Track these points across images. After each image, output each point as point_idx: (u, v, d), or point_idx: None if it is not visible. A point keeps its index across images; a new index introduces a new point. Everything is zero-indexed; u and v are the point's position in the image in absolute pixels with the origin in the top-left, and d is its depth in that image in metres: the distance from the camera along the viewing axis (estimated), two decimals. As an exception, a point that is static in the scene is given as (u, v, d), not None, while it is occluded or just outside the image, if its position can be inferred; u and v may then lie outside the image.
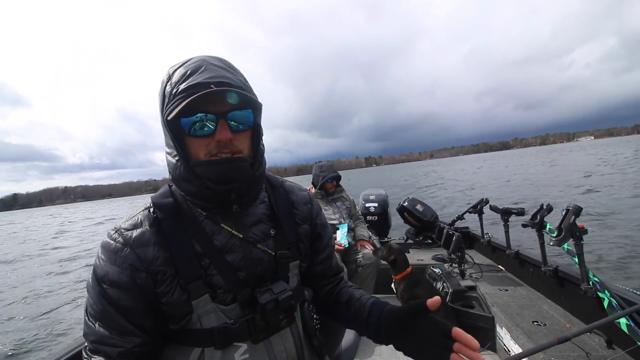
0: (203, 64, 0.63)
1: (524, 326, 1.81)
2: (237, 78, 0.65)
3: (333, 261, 0.90)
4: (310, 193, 0.91)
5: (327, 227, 0.90)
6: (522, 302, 2.15)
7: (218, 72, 0.63)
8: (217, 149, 0.63)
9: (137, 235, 0.65)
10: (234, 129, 0.64)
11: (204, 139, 0.64)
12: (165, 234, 0.66)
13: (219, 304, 0.66)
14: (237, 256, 0.69)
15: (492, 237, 3.27)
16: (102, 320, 0.61)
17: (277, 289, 0.68)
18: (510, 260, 2.76)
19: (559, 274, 2.09)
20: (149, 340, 0.64)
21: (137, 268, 0.62)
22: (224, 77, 0.62)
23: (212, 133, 0.63)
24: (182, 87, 0.61)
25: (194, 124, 0.63)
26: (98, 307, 0.62)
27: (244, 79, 0.68)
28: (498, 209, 2.81)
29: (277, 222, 0.76)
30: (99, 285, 0.62)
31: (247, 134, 0.68)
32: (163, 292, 0.63)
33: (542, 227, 2.16)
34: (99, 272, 0.63)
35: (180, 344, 0.67)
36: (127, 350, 0.61)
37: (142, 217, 0.68)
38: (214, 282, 0.66)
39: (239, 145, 0.65)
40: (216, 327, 0.65)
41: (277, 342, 0.70)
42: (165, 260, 0.64)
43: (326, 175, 2.77)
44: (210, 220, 0.69)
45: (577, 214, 1.78)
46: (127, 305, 0.62)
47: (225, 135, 0.62)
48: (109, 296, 0.61)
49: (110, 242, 0.65)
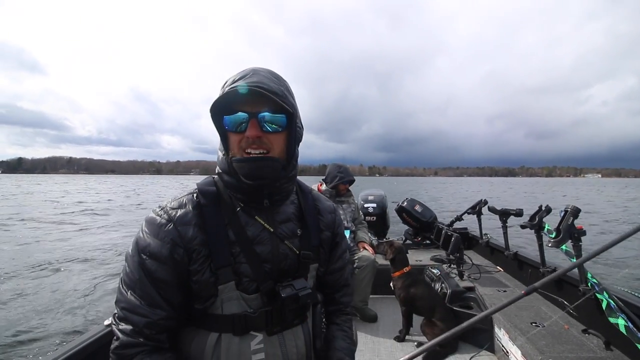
0: (251, 72, 0.71)
1: (522, 327, 1.81)
2: (278, 87, 0.71)
3: (345, 274, 0.93)
4: (334, 204, 0.96)
5: (344, 239, 0.95)
6: (520, 303, 2.14)
7: (260, 78, 0.69)
8: (246, 144, 0.69)
9: (181, 214, 0.71)
10: (265, 130, 0.70)
11: (238, 135, 0.70)
12: (205, 218, 0.72)
13: (243, 292, 0.71)
14: (265, 249, 0.74)
15: (491, 238, 3.27)
16: (135, 289, 0.67)
17: (298, 285, 0.73)
18: (508, 261, 2.76)
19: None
20: (174, 315, 0.69)
21: (176, 244, 0.68)
22: (263, 83, 0.68)
23: (244, 130, 0.69)
24: (227, 88, 0.68)
25: (235, 123, 0.70)
26: (134, 276, 0.67)
27: (287, 89, 0.74)
28: (496, 210, 2.81)
29: (304, 224, 0.82)
30: (138, 255, 0.68)
31: (280, 136, 0.73)
32: (195, 270, 0.69)
33: (540, 228, 2.16)
34: (141, 243, 0.68)
35: (199, 327, 0.71)
36: (152, 321, 0.66)
37: (187, 199, 0.74)
38: (241, 270, 0.71)
39: (269, 145, 0.71)
40: (237, 314, 0.70)
41: (289, 337, 0.74)
42: (202, 242, 0.70)
43: (344, 177, 2.77)
44: (245, 212, 0.75)
45: (575, 216, 1.78)
46: (161, 278, 0.67)
47: (253, 133, 0.68)
48: (147, 267, 0.67)
49: (156, 218, 0.71)
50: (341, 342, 0.86)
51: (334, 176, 2.78)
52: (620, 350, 1.51)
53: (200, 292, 0.69)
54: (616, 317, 1.51)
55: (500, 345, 1.98)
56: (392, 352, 2.14)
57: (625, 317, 1.48)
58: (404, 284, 2.25)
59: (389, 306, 2.77)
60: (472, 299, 2.36)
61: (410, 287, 2.23)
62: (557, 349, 1.56)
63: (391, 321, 2.55)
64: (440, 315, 2.11)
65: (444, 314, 2.12)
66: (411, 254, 3.64)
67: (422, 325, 2.18)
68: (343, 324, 0.91)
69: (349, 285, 0.96)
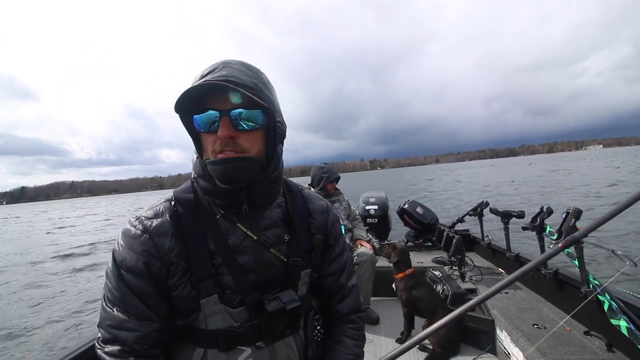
0: (222, 64, 0.64)
1: (524, 329, 1.80)
2: (251, 80, 0.64)
3: (341, 278, 0.84)
4: (328, 203, 0.90)
5: (340, 239, 0.86)
6: (522, 305, 2.14)
7: (231, 72, 0.63)
8: (220, 146, 0.63)
9: (157, 224, 0.66)
10: (239, 128, 0.63)
11: (211, 136, 0.64)
12: (183, 228, 0.66)
13: (227, 306, 0.66)
14: (248, 258, 0.68)
15: (492, 240, 3.27)
16: (121, 304, 0.62)
17: (285, 298, 0.68)
18: (510, 263, 2.75)
19: (559, 277, 2.08)
20: (165, 327, 0.65)
21: (152, 256, 0.63)
22: (233, 77, 0.61)
23: (216, 130, 0.63)
24: (196, 84, 0.62)
25: (206, 123, 0.63)
26: (117, 292, 0.62)
27: (262, 82, 0.67)
28: (498, 212, 2.81)
29: (292, 228, 0.76)
30: (117, 270, 0.63)
31: (257, 134, 0.66)
32: (174, 285, 0.64)
33: (542, 229, 2.16)
34: (118, 257, 0.64)
35: (185, 341, 0.68)
36: (144, 334, 0.62)
37: (164, 207, 0.69)
38: (223, 282, 0.66)
39: (244, 145, 0.64)
40: (221, 330, 0.65)
41: (280, 349, 0.70)
42: (180, 253, 0.65)
43: (329, 176, 2.79)
44: (226, 220, 0.69)
45: (577, 217, 1.78)
46: (143, 291, 0.63)
47: (225, 132, 0.62)
48: (127, 281, 0.62)
49: (131, 229, 0.66)
50: (336, 355, 0.78)
51: (320, 178, 2.80)
52: (622, 352, 1.51)
53: (181, 308, 0.65)
54: (618, 319, 1.51)
55: (502, 347, 1.97)
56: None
57: (627, 319, 1.48)
58: (406, 285, 2.26)
59: (390, 308, 2.77)
60: None
61: (412, 288, 2.24)
62: (559, 351, 1.56)
63: (393, 323, 2.54)
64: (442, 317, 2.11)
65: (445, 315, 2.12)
66: (413, 255, 3.63)
67: (424, 327, 2.18)
68: (339, 334, 0.81)
69: (346, 287, 0.85)
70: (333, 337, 0.82)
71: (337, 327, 0.83)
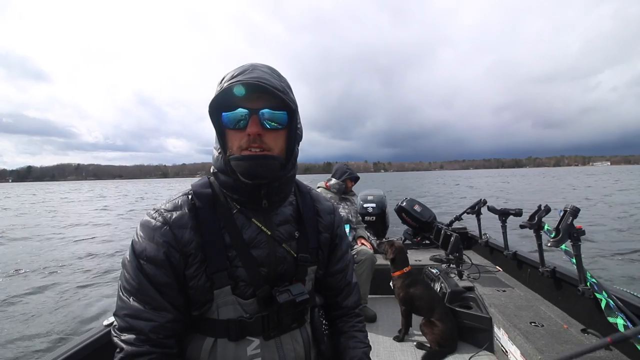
0: (250, 67, 0.68)
1: (522, 327, 1.81)
2: (279, 82, 0.68)
3: (347, 275, 0.89)
4: (334, 203, 0.94)
5: (345, 239, 0.91)
6: (519, 302, 2.15)
7: (261, 74, 0.67)
8: (247, 143, 0.67)
9: (177, 217, 0.69)
10: (266, 127, 0.67)
11: (238, 133, 0.68)
12: (201, 221, 0.69)
13: (239, 297, 0.69)
14: (262, 252, 0.72)
15: (490, 238, 3.28)
16: (137, 294, 0.64)
17: (295, 291, 0.71)
18: (508, 261, 2.76)
19: (556, 275, 2.09)
20: (180, 318, 0.67)
21: (173, 247, 0.66)
22: (263, 79, 0.65)
23: (244, 127, 0.67)
24: (226, 84, 0.66)
25: (234, 120, 0.67)
26: (134, 282, 0.64)
27: (287, 85, 0.72)
28: (496, 210, 2.81)
29: (302, 226, 0.80)
30: (136, 260, 0.65)
31: (281, 134, 0.71)
32: (191, 276, 0.67)
33: (540, 228, 2.17)
34: (137, 247, 0.66)
35: (195, 331, 0.70)
36: (160, 325, 0.63)
37: (182, 201, 0.72)
38: (237, 274, 0.69)
39: (269, 143, 0.68)
40: (232, 320, 0.68)
41: (287, 341, 0.73)
42: (198, 245, 0.68)
43: (352, 173, 3.03)
44: (242, 214, 0.73)
45: (574, 215, 1.79)
46: (162, 281, 0.65)
47: (254, 130, 0.66)
48: (146, 271, 0.64)
49: (150, 220, 0.68)
50: (353, 351, 0.82)
51: (344, 171, 3.02)
52: (619, 350, 1.51)
53: (196, 298, 0.67)
54: (615, 317, 1.51)
55: (499, 345, 1.98)
56: (392, 352, 2.14)
57: (624, 317, 1.48)
58: (404, 283, 2.26)
59: (388, 306, 2.77)
60: (471, 299, 2.36)
61: (409, 286, 2.24)
62: (556, 349, 1.57)
63: (390, 321, 2.54)
64: (440, 315, 2.11)
65: (443, 313, 2.12)
66: (410, 253, 3.64)
67: (422, 325, 2.18)
68: (351, 330, 0.86)
69: (352, 284, 0.91)
70: (345, 334, 0.86)
71: (345, 323, 0.88)
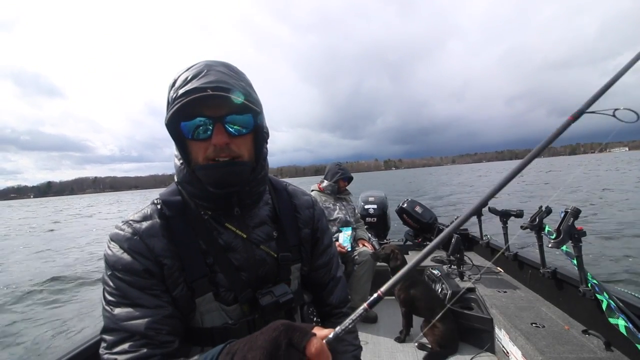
0: (205, 68, 0.63)
1: (523, 328, 1.81)
2: (238, 83, 0.64)
3: (332, 270, 0.87)
4: (313, 197, 0.91)
5: (327, 232, 0.88)
6: (520, 303, 2.15)
7: (218, 76, 0.62)
8: (214, 153, 0.63)
9: (147, 226, 0.65)
10: (232, 134, 0.64)
11: (202, 143, 0.64)
12: (173, 229, 0.66)
13: (221, 303, 0.67)
14: (240, 256, 0.69)
15: (491, 239, 3.27)
16: (124, 300, 0.60)
17: (278, 292, 0.69)
18: (509, 262, 2.76)
19: (557, 276, 2.09)
20: (178, 314, 0.63)
21: (145, 257, 0.62)
22: (222, 82, 0.61)
23: (209, 137, 0.63)
24: (180, 91, 0.61)
25: (194, 129, 0.63)
26: (117, 291, 0.60)
27: (247, 84, 0.67)
28: (497, 211, 2.81)
29: (280, 225, 0.77)
30: (112, 271, 0.62)
31: (248, 137, 0.68)
32: (171, 286, 0.64)
33: (540, 229, 2.16)
34: (111, 259, 0.62)
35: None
36: (156, 319, 0.59)
37: (151, 210, 0.68)
38: (217, 280, 0.67)
39: (238, 150, 0.65)
40: (217, 327, 0.66)
41: None
42: (173, 254, 0.65)
43: (344, 173, 2.98)
44: (214, 220, 0.70)
45: (575, 216, 1.78)
46: (145, 285, 0.61)
47: (221, 140, 0.62)
48: (125, 279, 0.61)
49: (119, 232, 0.65)
50: (342, 356, 0.79)
51: (335, 172, 2.99)
52: (620, 351, 1.51)
53: (180, 308, 0.64)
54: (616, 318, 1.51)
55: (500, 346, 1.97)
56: (393, 353, 2.14)
57: (626, 318, 1.48)
58: (404, 285, 2.26)
59: (389, 307, 2.77)
60: (472, 300, 2.35)
61: (410, 288, 2.24)
62: (558, 350, 1.57)
63: (391, 322, 2.54)
64: (440, 316, 2.11)
65: (444, 314, 2.12)
66: (411, 255, 3.64)
67: (422, 326, 2.18)
68: None
69: (336, 279, 0.88)
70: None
71: (332, 324, 0.84)
